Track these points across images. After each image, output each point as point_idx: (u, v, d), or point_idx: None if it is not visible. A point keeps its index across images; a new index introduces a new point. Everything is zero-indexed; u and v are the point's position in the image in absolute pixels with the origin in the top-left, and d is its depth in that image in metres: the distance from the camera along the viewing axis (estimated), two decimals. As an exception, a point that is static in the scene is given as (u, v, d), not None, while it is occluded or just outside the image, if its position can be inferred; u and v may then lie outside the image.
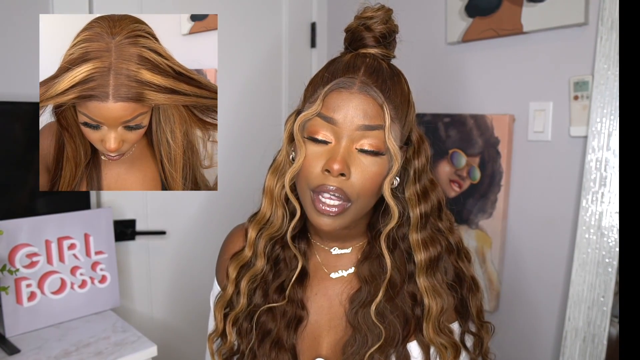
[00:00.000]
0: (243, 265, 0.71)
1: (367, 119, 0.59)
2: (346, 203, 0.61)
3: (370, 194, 0.62)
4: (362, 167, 0.60)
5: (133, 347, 1.08)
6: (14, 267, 1.11)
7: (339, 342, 0.68)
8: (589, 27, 1.17)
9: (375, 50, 0.65)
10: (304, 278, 0.71)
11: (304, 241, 0.73)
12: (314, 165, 0.61)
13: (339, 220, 0.62)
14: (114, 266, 1.29)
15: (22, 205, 1.20)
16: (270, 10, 1.76)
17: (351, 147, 0.60)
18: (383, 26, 0.65)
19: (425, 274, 0.65)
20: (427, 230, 0.67)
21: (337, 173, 0.59)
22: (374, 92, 0.60)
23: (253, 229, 0.70)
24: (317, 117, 0.61)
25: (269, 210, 0.69)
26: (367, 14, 0.65)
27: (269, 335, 0.68)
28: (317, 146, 0.61)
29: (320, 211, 0.61)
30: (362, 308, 0.66)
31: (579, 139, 1.21)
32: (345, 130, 0.60)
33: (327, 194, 0.60)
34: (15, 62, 1.24)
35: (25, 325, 1.13)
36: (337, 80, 0.61)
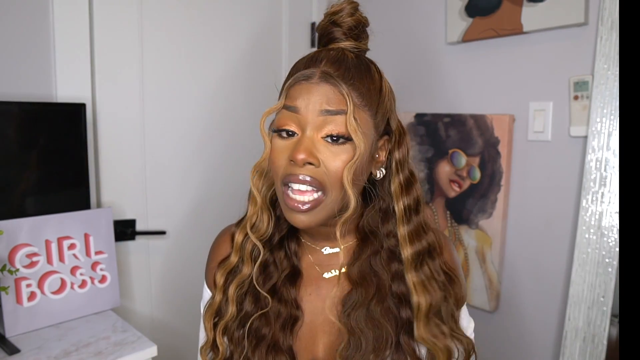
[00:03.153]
0: (230, 271, 0.70)
1: (329, 104, 0.59)
2: (321, 195, 0.61)
3: (342, 183, 0.61)
4: (330, 156, 0.60)
5: (133, 347, 1.08)
6: (14, 267, 1.11)
7: (333, 344, 0.68)
8: (589, 27, 1.17)
9: (345, 43, 0.65)
10: (297, 278, 0.70)
11: (294, 241, 0.73)
12: (281, 158, 0.61)
13: (313, 216, 0.61)
14: (114, 266, 1.29)
15: (22, 205, 1.20)
16: (270, 10, 1.76)
17: (316, 137, 0.60)
18: (350, 19, 0.65)
19: (413, 269, 0.65)
20: (412, 224, 0.66)
21: (301, 162, 0.59)
22: (334, 80, 0.60)
23: (240, 234, 0.70)
24: (282, 110, 0.62)
25: (255, 215, 0.68)
26: (333, 9, 0.65)
27: (263, 340, 0.67)
28: (283, 140, 0.62)
29: (290, 207, 0.61)
30: (353, 311, 0.65)
31: (579, 139, 1.21)
32: (308, 118, 0.60)
33: (296, 184, 0.60)
34: (15, 63, 1.24)
35: (25, 325, 1.13)
36: (298, 73, 0.62)
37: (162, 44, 1.51)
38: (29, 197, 1.22)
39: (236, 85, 1.68)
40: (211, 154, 1.66)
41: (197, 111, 1.61)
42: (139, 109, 1.48)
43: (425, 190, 1.56)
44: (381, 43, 1.94)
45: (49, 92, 1.30)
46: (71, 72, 1.32)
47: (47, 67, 1.29)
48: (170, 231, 1.57)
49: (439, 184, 1.51)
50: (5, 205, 1.17)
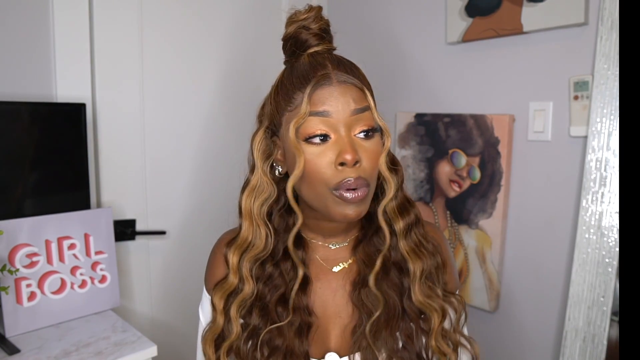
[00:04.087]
0: (230, 293, 0.70)
1: (356, 103, 0.62)
2: (367, 188, 0.63)
3: (377, 174, 0.65)
4: (367, 151, 0.63)
5: (133, 347, 1.08)
6: (14, 267, 1.11)
7: (346, 328, 0.70)
8: (589, 27, 1.17)
9: (320, 47, 0.67)
10: (306, 285, 0.70)
11: (302, 249, 0.73)
12: (324, 165, 0.61)
13: (363, 206, 0.64)
14: (114, 266, 1.29)
15: (21, 205, 1.20)
16: (270, 10, 1.76)
17: (351, 135, 0.62)
18: (320, 23, 0.68)
19: (404, 238, 0.69)
20: (398, 199, 0.70)
21: (352, 163, 0.60)
22: (352, 80, 0.63)
23: (234, 255, 0.69)
24: (309, 117, 0.61)
25: (250, 233, 0.68)
26: (301, 16, 0.67)
27: (277, 350, 0.67)
28: (315, 147, 0.62)
29: (347, 201, 0.62)
30: (363, 287, 0.68)
31: (579, 139, 1.21)
32: (340, 120, 0.61)
33: (352, 186, 0.61)
34: (15, 63, 1.24)
35: (25, 325, 1.13)
36: (314, 79, 0.62)
37: (162, 44, 1.51)
38: (28, 197, 1.22)
39: (236, 85, 1.68)
40: (211, 153, 1.66)
41: (197, 111, 1.62)
42: (139, 109, 1.48)
43: (425, 190, 1.56)
44: (381, 43, 1.94)
45: (49, 92, 1.30)
46: (71, 72, 1.32)
47: (47, 67, 1.29)
48: (170, 231, 1.57)
49: (439, 184, 1.51)
50: (5, 205, 1.17)
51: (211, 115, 1.64)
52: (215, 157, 1.67)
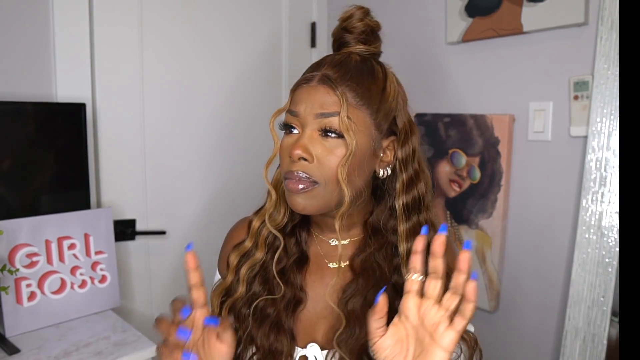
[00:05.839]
0: (244, 254, 0.74)
1: (324, 107, 0.64)
2: (313, 184, 0.65)
3: (337, 176, 0.65)
4: (325, 150, 0.64)
5: (133, 347, 1.08)
6: (14, 267, 1.11)
7: (331, 329, 0.71)
8: (589, 27, 1.17)
9: (354, 47, 0.70)
10: (304, 264, 0.74)
11: (305, 231, 0.77)
12: (284, 155, 0.67)
13: (309, 201, 0.65)
14: (114, 266, 1.29)
15: (22, 205, 1.20)
16: (270, 10, 1.76)
17: (313, 134, 0.65)
18: (361, 24, 0.70)
19: (406, 265, 0.67)
20: (411, 221, 0.69)
21: (295, 158, 0.64)
22: (331, 82, 0.64)
23: (257, 221, 0.74)
24: (286, 113, 0.68)
25: (272, 207, 0.73)
26: (345, 15, 0.70)
27: (267, 318, 0.71)
28: (289, 137, 0.67)
29: (290, 190, 0.65)
30: (352, 298, 0.69)
31: (579, 138, 1.21)
32: (307, 119, 0.65)
33: (293, 179, 0.65)
34: (15, 63, 1.24)
35: (25, 325, 1.13)
36: (301, 77, 0.67)
37: (162, 43, 1.51)
38: (28, 197, 1.22)
39: (235, 85, 1.68)
40: (211, 153, 1.66)
41: (197, 111, 1.61)
42: (139, 109, 1.48)
43: (425, 190, 1.56)
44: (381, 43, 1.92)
45: (49, 92, 1.30)
46: (71, 72, 1.32)
47: (47, 67, 1.29)
48: (170, 231, 1.57)
49: (439, 184, 1.51)
50: (5, 205, 1.17)
51: (211, 115, 1.64)
52: (215, 157, 1.67)
